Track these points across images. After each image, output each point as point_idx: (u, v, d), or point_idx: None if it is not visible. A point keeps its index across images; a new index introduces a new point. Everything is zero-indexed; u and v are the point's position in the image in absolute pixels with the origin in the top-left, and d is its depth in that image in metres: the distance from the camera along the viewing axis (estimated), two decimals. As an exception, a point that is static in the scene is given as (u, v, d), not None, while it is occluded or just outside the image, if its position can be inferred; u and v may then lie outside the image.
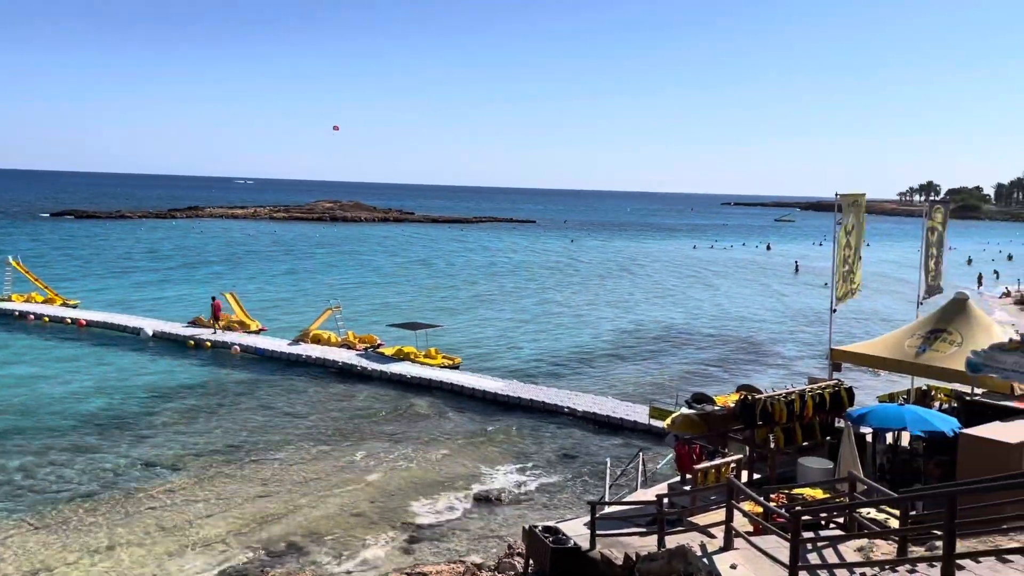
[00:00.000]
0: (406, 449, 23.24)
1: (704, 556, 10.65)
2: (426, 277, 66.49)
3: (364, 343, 35.61)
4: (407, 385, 30.58)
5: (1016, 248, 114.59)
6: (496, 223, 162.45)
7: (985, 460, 12.81)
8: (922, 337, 17.62)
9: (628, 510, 14.59)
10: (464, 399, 28.89)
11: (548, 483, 20.95)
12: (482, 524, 18.20)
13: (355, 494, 19.70)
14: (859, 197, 19.81)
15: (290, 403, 27.88)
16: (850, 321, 45.29)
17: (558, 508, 19.00)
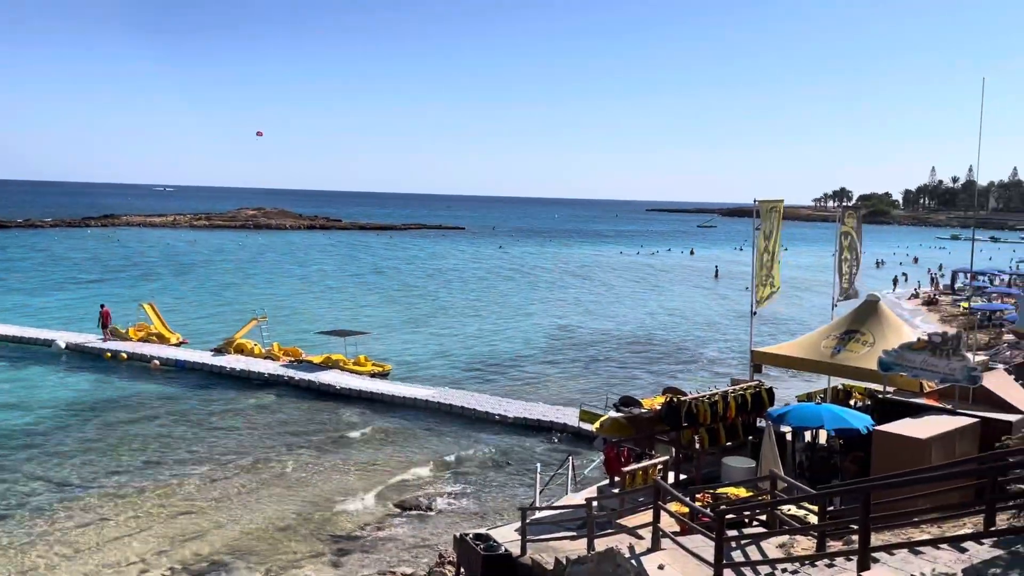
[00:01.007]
0: (334, 459, 22.88)
1: (632, 557, 10.78)
2: (354, 284, 65.68)
3: (288, 356, 34.91)
4: (335, 395, 30.11)
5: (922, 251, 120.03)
6: (425, 230, 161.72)
7: (897, 455, 13.35)
8: (837, 338, 18.28)
9: (559, 514, 14.69)
10: (394, 407, 28.62)
11: (479, 490, 20.92)
12: (412, 533, 18.03)
13: (281, 507, 19.27)
14: (777, 203, 20.45)
15: (212, 416, 27.11)
16: (770, 323, 46.67)
17: (489, 515, 18.98)
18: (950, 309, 53.39)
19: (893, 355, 15.97)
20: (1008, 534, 8.58)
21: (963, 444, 14.10)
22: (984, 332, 39.84)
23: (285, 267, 78.78)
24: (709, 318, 53.26)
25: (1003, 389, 15.94)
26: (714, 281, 78.08)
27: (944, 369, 15.20)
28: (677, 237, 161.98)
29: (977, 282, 61.26)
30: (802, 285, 69.22)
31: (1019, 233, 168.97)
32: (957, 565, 7.66)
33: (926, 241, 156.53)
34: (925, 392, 16.77)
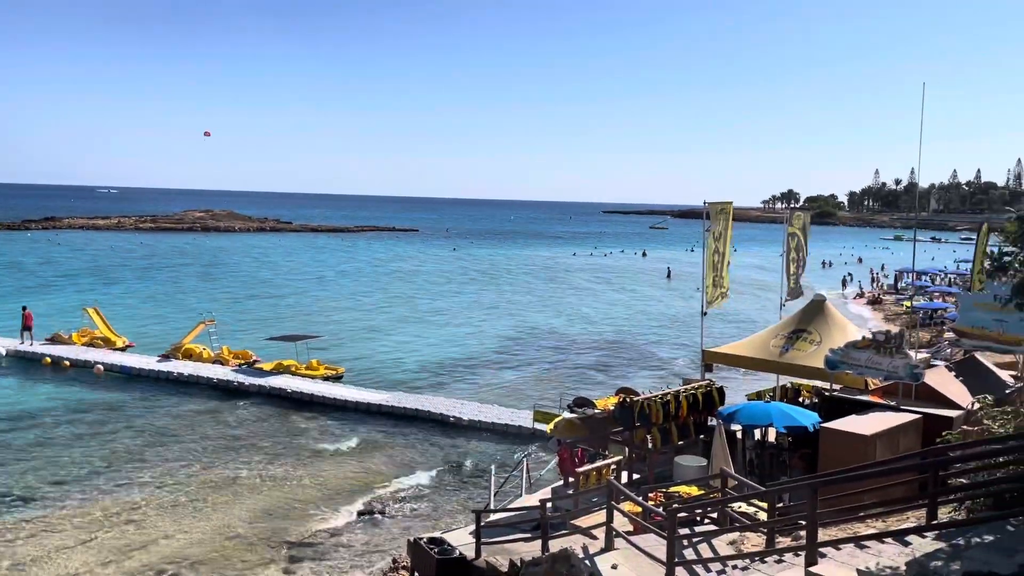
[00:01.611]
0: (285, 466, 22.54)
1: (586, 558, 10.83)
2: (306, 287, 64.86)
3: (239, 359, 34.32)
4: (287, 399, 29.67)
5: (867, 252, 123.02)
6: (378, 232, 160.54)
7: (843, 452, 13.66)
8: (785, 337, 18.64)
9: (513, 516, 14.69)
10: (347, 412, 28.31)
11: (433, 493, 20.80)
12: (365, 539, 17.85)
13: (231, 516, 18.91)
14: (726, 205, 20.77)
15: (159, 423, 26.50)
16: (720, 323, 47.33)
17: (444, 518, 18.88)
18: (893, 308, 54.84)
19: (839, 353, 16.33)
20: (949, 527, 8.81)
21: (906, 440, 14.49)
22: (926, 330, 41.02)
23: (234, 270, 77.46)
24: (662, 318, 53.85)
25: (944, 386, 16.42)
26: (667, 282, 78.97)
27: (888, 367, 15.59)
28: (630, 238, 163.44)
29: (919, 281, 63.00)
30: (752, 285, 70.41)
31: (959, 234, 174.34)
32: (900, 558, 7.84)
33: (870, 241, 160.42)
34: (870, 389, 17.20)
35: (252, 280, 69.15)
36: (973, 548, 8.02)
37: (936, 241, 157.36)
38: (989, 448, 9.54)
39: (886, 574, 7.27)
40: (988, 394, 15.41)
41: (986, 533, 8.42)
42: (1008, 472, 9.26)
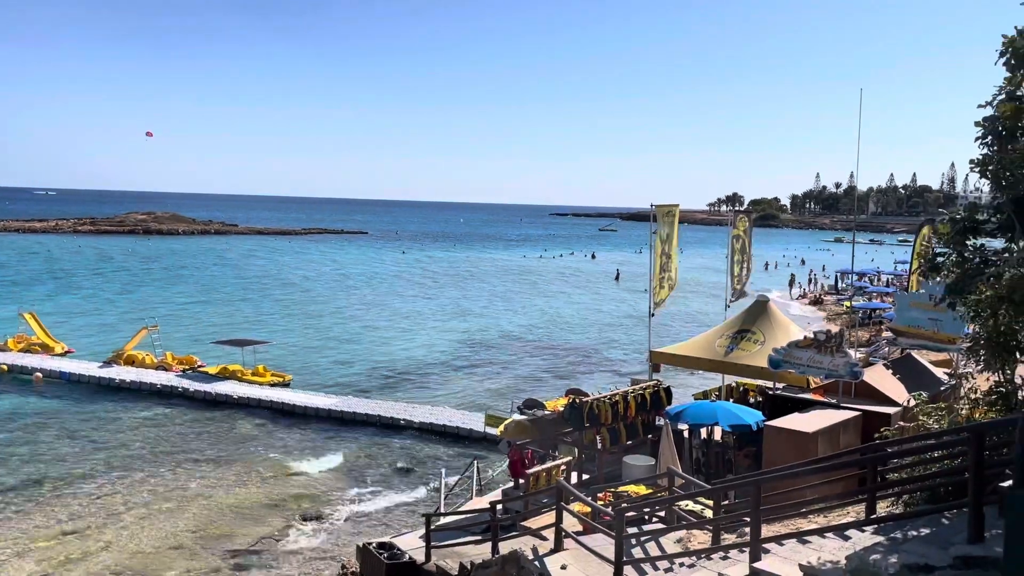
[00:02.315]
0: (231, 473, 22.15)
1: (536, 559, 10.87)
2: (253, 291, 63.80)
3: (183, 365, 33.60)
4: (233, 405, 29.15)
5: (809, 253, 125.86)
6: (325, 235, 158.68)
7: (786, 449, 13.96)
8: (730, 337, 18.99)
9: (463, 519, 14.67)
10: (295, 417, 27.95)
11: (384, 498, 20.66)
12: (314, 545, 17.64)
13: (174, 525, 18.50)
14: (673, 208, 21.08)
15: (100, 431, 25.80)
16: (668, 324, 47.95)
17: (393, 523, 18.78)
18: (834, 308, 56.22)
19: (782, 353, 16.69)
20: (887, 521, 9.08)
21: (847, 436, 14.87)
22: (865, 329, 42.15)
23: (178, 274, 75.79)
24: (610, 320, 54.34)
25: (882, 383, 16.89)
26: (615, 283, 79.71)
27: (828, 365, 15.99)
28: (580, 241, 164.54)
29: (859, 282, 64.72)
30: (698, 286, 71.50)
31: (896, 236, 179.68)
32: (841, 552, 8.04)
33: (812, 243, 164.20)
34: (812, 388, 17.60)
35: (197, 284, 67.76)
36: (910, 541, 8.27)
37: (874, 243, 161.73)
38: (924, 444, 9.85)
39: (827, 568, 7.45)
40: (924, 391, 15.90)
41: (922, 526, 8.69)
42: (942, 467, 9.59)
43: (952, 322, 17.03)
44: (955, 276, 9.73)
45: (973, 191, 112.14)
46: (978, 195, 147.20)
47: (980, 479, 7.37)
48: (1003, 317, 10.22)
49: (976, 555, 6.74)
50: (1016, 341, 10.40)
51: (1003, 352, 10.25)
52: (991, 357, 10.39)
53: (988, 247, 9.85)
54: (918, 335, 19.78)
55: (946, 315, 16.53)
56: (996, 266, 9.44)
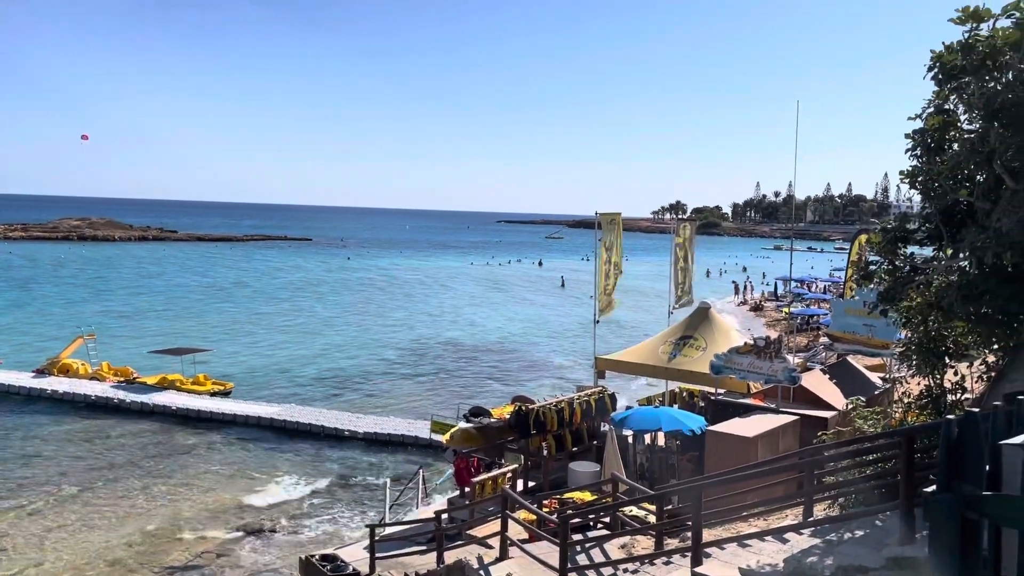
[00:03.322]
0: (169, 485, 21.57)
1: (481, 568, 10.84)
2: (195, 299, 62.36)
3: (118, 376, 32.64)
4: (172, 416, 28.42)
5: (750, 260, 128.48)
6: (269, 241, 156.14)
7: (727, 453, 14.19)
8: (673, 344, 19.26)
9: (408, 529, 14.55)
10: (236, 427, 27.37)
11: (327, 508, 20.36)
12: (254, 558, 17.28)
13: (110, 539, 17.93)
14: (616, 216, 21.30)
15: (29, 444, 24.88)
16: (612, 331, 48.39)
17: (337, 534, 18.51)
18: (774, 314, 57.47)
19: (723, 358, 16.99)
20: (823, 523, 9.29)
21: (785, 440, 15.19)
22: (803, 335, 43.20)
23: (115, 281, 73.68)
24: (557, 327, 54.60)
25: (819, 388, 17.31)
26: (561, 290, 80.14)
27: (768, 371, 16.33)
28: (526, 248, 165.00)
29: (797, 289, 66.30)
30: (643, 293, 72.32)
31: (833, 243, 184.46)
32: (779, 555, 8.20)
33: (753, 251, 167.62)
34: (752, 393, 17.94)
35: (135, 292, 65.95)
36: (845, 543, 8.48)
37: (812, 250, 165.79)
38: (859, 447, 10.12)
39: (766, 571, 7.60)
40: (859, 395, 16.35)
41: (857, 528, 8.92)
42: (876, 469, 9.86)
43: (885, 328, 17.52)
44: (887, 284, 10.03)
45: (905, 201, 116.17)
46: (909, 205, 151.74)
47: (911, 481, 7.60)
48: (932, 323, 10.59)
49: (907, 556, 6.93)
50: (945, 346, 10.78)
51: (933, 357, 10.62)
52: (922, 362, 10.75)
53: (918, 256, 10.19)
54: (853, 340, 20.32)
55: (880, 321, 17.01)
56: (925, 274, 9.76)
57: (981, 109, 8.28)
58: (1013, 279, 8.80)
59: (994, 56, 8.19)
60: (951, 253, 9.19)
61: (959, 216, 9.14)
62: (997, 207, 7.95)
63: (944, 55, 8.58)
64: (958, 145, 8.82)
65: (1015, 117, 8.00)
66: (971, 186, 8.94)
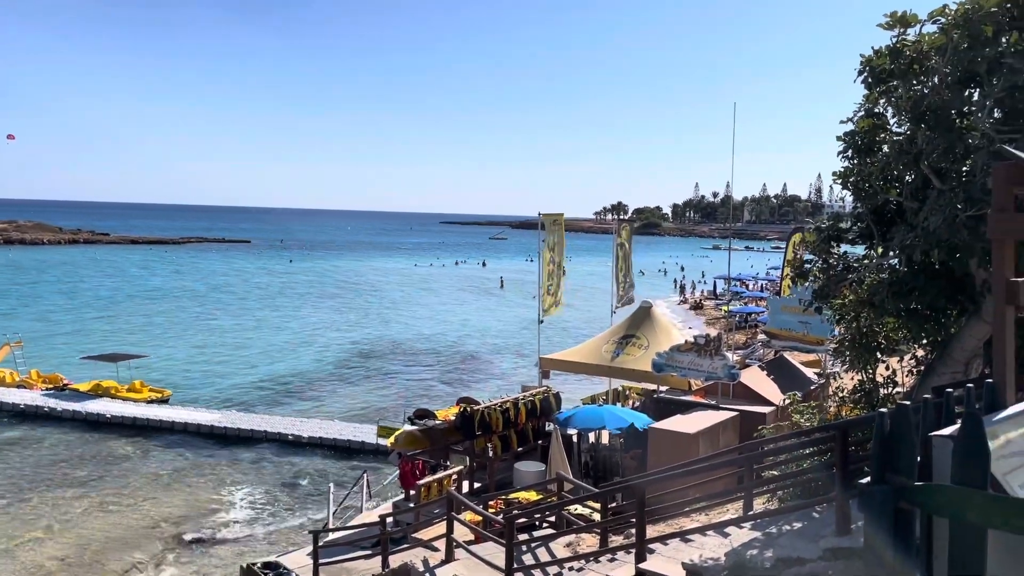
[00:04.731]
0: (103, 497, 20.90)
1: (427, 571, 10.77)
2: (129, 304, 60.60)
3: (48, 383, 31.52)
4: (106, 424, 27.55)
5: (690, 260, 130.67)
6: (206, 243, 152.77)
7: (670, 450, 14.41)
8: (616, 343, 19.47)
9: (353, 534, 14.40)
10: (174, 435, 26.69)
11: (269, 515, 20.00)
12: (194, 568, 16.87)
13: (40, 554, 17.29)
14: (558, 216, 21.44)
15: (-46, 457, 23.84)
16: (557, 330, 48.67)
17: (280, 541, 18.21)
18: (713, 312, 58.57)
19: (664, 356, 17.25)
20: (763, 517, 9.49)
21: (726, 436, 15.49)
22: (741, 333, 44.13)
23: (43, 286, 71.12)
24: (501, 328, 54.65)
25: (758, 384, 17.71)
26: (501, 291, 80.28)
27: (708, 368, 16.64)
28: (470, 249, 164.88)
29: (735, 287, 67.68)
30: (586, 293, 72.90)
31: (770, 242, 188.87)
32: (721, 549, 8.33)
33: (693, 251, 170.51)
34: (693, 390, 18.25)
35: (64, 297, 63.75)
36: (784, 535, 8.67)
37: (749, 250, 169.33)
38: (796, 441, 10.36)
39: (708, 565, 7.71)
40: (796, 391, 16.77)
41: (795, 520, 9.13)
42: (813, 463, 10.12)
43: (820, 325, 18.01)
44: (821, 282, 10.30)
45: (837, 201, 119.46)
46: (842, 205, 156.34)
47: (846, 474, 7.81)
48: (865, 320, 10.92)
49: (843, 547, 7.12)
50: (877, 342, 11.12)
51: (865, 352, 10.94)
52: (855, 357, 11.08)
53: (851, 254, 10.49)
54: (790, 337, 20.86)
55: (815, 318, 17.48)
56: (858, 272, 10.06)
57: (909, 112, 8.56)
58: (940, 276, 9.13)
59: (921, 60, 8.47)
60: (882, 251, 9.47)
61: (889, 215, 9.44)
62: (925, 206, 8.22)
63: (873, 59, 8.85)
64: (887, 147, 9.10)
65: (941, 120, 8.30)
66: (900, 186, 9.24)
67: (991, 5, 7.86)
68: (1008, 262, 3.61)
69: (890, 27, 8.57)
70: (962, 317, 9.45)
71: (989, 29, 7.84)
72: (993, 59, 7.70)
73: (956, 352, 9.42)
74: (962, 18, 8.00)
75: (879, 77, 8.80)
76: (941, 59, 8.17)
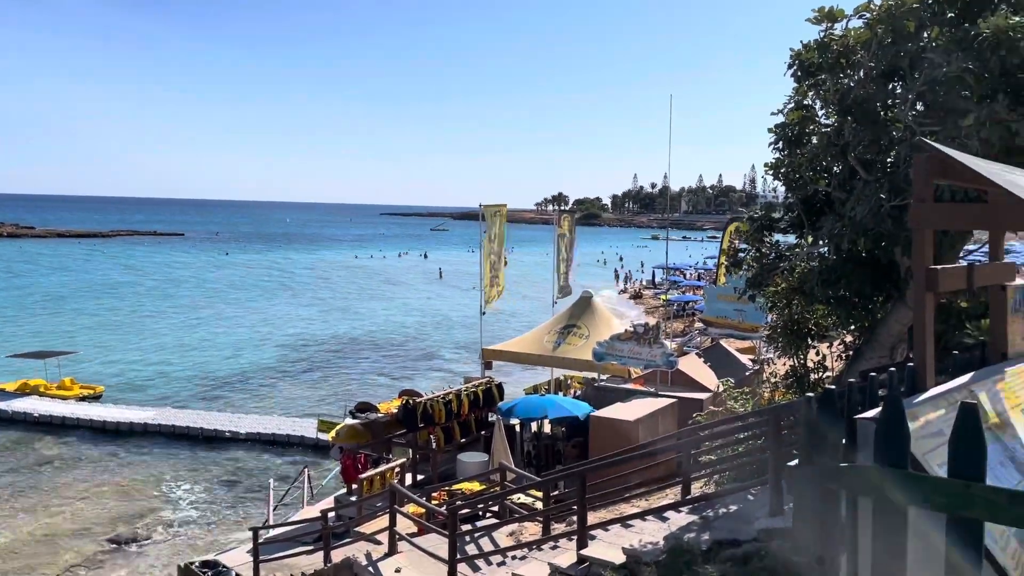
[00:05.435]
0: (31, 500, 20.21)
1: (369, 564, 10.72)
2: (58, 299, 58.48)
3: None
4: (34, 424, 26.61)
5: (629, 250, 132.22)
6: (138, 236, 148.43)
7: (611, 437, 14.61)
8: (557, 332, 19.64)
9: (294, 530, 14.24)
10: (107, 434, 25.93)
11: (208, 514, 19.62)
12: (129, 570, 16.45)
13: (-35, 561, 16.66)
14: (500, 207, 21.47)
15: None
16: (499, 321, 48.75)
17: (219, 539, 17.89)
18: (652, 302, 59.45)
19: (605, 346, 17.46)
20: (700, 500, 9.71)
21: (665, 422, 15.78)
22: (680, 321, 44.90)
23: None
24: (443, 319, 54.50)
25: (695, 371, 18.08)
26: (441, 282, 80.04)
27: (647, 356, 16.91)
28: (412, 240, 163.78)
29: (673, 277, 68.82)
30: (527, 284, 73.16)
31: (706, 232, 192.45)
32: (660, 533, 8.51)
33: (633, 241, 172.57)
34: (633, 378, 18.53)
35: (-14, 292, 61.25)
36: (720, 518, 8.90)
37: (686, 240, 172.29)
38: (731, 426, 10.62)
39: (647, 549, 7.86)
40: (731, 377, 17.18)
41: (731, 503, 9.38)
42: (747, 446, 10.39)
43: (755, 312, 18.48)
44: (754, 270, 10.55)
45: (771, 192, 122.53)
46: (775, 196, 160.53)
47: (778, 457, 8.04)
48: (796, 307, 11.24)
49: (776, 527, 7.33)
50: (807, 328, 11.46)
51: (796, 339, 11.27)
52: (787, 343, 11.40)
53: (783, 243, 10.77)
54: (725, 325, 21.35)
55: (749, 306, 17.91)
56: (789, 261, 10.34)
57: (836, 104, 8.82)
58: (867, 264, 9.44)
59: (847, 54, 8.73)
60: (811, 240, 9.75)
61: (819, 205, 9.71)
62: (852, 197, 8.49)
63: (802, 53, 9.08)
64: (816, 139, 9.35)
65: (866, 112, 8.57)
66: (829, 177, 9.52)
67: (913, 1, 8.13)
68: (927, 250, 3.76)
69: (818, 22, 8.80)
70: (888, 303, 9.80)
71: (911, 25, 8.12)
72: (915, 54, 7.98)
73: (882, 337, 9.76)
74: (885, 14, 8.26)
75: (808, 71, 9.03)
76: (866, 53, 8.43)
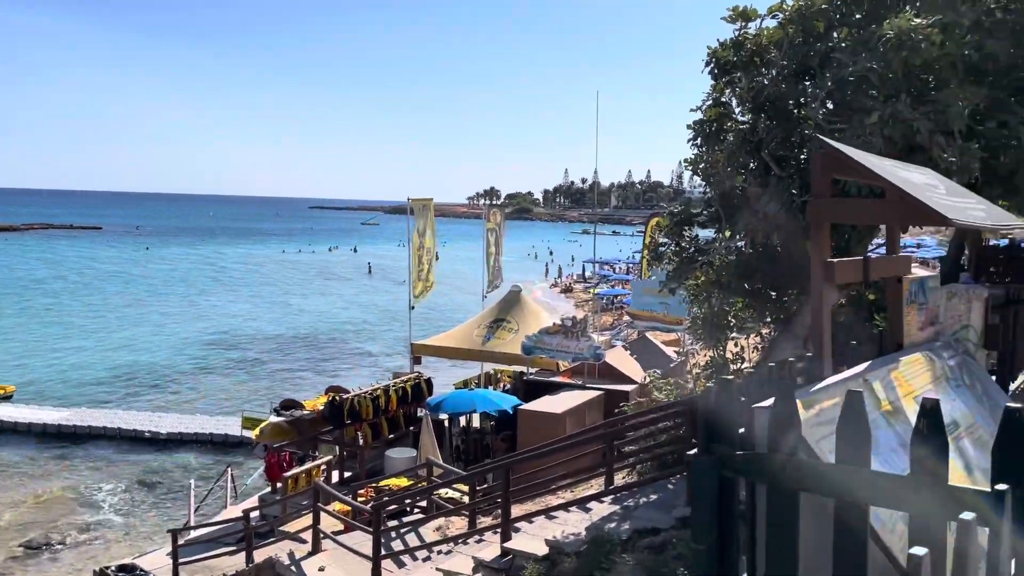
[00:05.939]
0: (-64, 506, 19.26)
1: (292, 563, 10.57)
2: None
3: None
4: (-64, 428, 25.32)
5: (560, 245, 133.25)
6: (52, 230, 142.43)
7: (538, 430, 14.72)
8: (487, 327, 19.68)
9: (216, 530, 13.95)
10: (17, 435, 24.86)
11: (126, 516, 19.03)
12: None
13: None
14: (427, 201, 21.38)
15: None
16: (428, 316, 48.52)
17: (138, 542, 17.37)
18: (582, 295, 60.11)
19: (533, 339, 17.58)
20: (622, 490, 9.89)
21: (592, 414, 15.98)
22: (608, 314, 45.52)
23: None
24: (371, 314, 54.00)
25: (622, 364, 18.34)
26: (369, 277, 79.30)
27: (575, 349, 17.09)
28: (341, 235, 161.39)
29: (602, 271, 69.71)
30: (457, 278, 73.03)
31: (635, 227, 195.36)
32: (582, 524, 8.64)
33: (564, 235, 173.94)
34: (561, 371, 18.70)
35: None
36: (641, 507, 9.08)
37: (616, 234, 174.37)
38: (652, 417, 10.84)
39: (569, 540, 7.97)
40: (657, 369, 17.52)
41: (651, 493, 9.58)
42: (668, 436, 10.61)
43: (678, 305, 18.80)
44: (675, 264, 10.77)
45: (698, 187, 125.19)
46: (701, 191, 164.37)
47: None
48: (715, 300, 11.51)
49: (693, 514, 7.54)
50: (727, 321, 11.75)
51: (716, 331, 11.54)
52: (707, 335, 11.65)
53: (702, 238, 11.01)
54: (651, 318, 21.72)
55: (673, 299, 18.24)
56: (708, 255, 10.58)
57: (750, 102, 9.05)
58: (781, 258, 9.74)
59: (761, 53, 8.98)
60: (729, 235, 10.00)
61: (736, 201, 9.96)
62: (766, 192, 8.74)
63: (719, 51, 9.30)
64: (732, 135, 9.58)
65: (779, 110, 8.83)
66: (745, 173, 9.78)
67: (822, 2, 8.42)
68: (825, 243, 3.90)
69: (733, 20, 9.02)
70: (802, 296, 10.13)
71: (820, 25, 8.41)
72: (824, 53, 8.26)
73: (796, 328, 10.08)
74: (797, 14, 8.52)
75: (724, 68, 9.25)
76: (779, 52, 8.69)
